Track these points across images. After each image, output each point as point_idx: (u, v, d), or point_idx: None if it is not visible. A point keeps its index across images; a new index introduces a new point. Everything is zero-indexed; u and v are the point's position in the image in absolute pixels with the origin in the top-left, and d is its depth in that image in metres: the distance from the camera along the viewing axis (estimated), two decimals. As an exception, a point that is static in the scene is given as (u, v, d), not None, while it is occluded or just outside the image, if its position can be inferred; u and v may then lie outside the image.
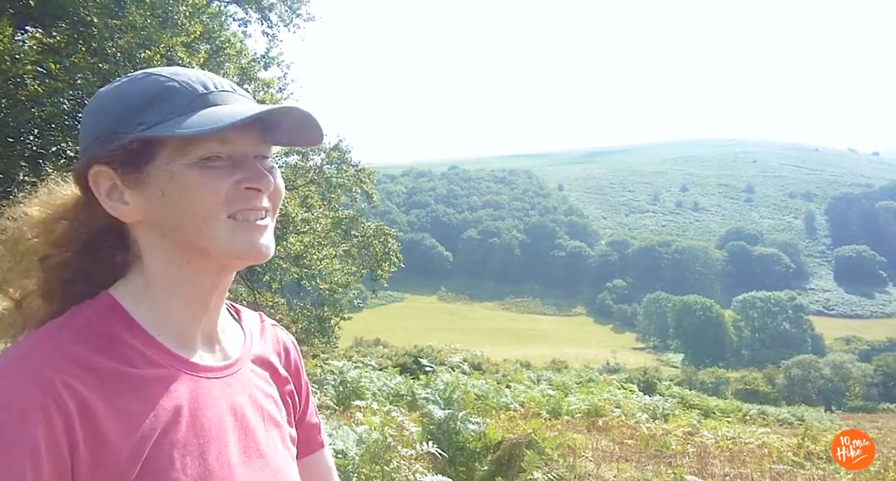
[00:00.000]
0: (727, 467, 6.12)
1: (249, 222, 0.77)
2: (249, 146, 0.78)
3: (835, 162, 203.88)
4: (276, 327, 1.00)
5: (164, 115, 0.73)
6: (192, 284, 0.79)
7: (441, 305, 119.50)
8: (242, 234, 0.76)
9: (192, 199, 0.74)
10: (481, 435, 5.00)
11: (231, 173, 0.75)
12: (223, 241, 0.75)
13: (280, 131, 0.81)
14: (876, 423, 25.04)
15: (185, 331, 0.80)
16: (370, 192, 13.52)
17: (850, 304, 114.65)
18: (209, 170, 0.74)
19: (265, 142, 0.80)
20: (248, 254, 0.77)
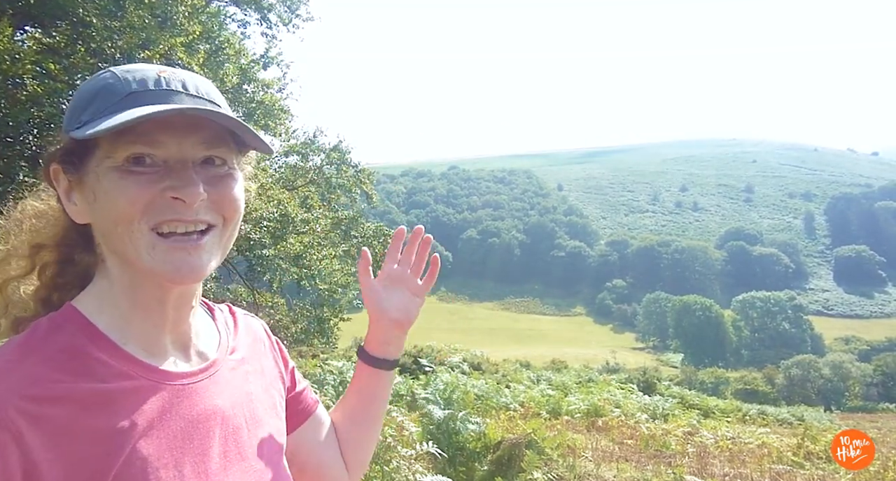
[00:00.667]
0: (727, 467, 6.12)
1: (175, 237, 0.71)
2: (188, 149, 0.72)
3: (834, 162, 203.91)
4: (248, 316, 0.97)
5: (95, 113, 0.69)
6: (144, 294, 0.75)
7: (441, 305, 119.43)
8: (163, 252, 0.70)
9: (112, 206, 0.69)
10: (481, 435, 5.00)
11: (159, 179, 0.70)
12: (143, 257, 0.70)
13: (237, 137, 0.75)
14: (875, 423, 25.05)
15: (152, 339, 0.76)
16: (370, 193, 13.54)
17: (850, 304, 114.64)
18: (131, 174, 0.69)
19: (219, 145, 0.74)
20: (167, 274, 0.71)
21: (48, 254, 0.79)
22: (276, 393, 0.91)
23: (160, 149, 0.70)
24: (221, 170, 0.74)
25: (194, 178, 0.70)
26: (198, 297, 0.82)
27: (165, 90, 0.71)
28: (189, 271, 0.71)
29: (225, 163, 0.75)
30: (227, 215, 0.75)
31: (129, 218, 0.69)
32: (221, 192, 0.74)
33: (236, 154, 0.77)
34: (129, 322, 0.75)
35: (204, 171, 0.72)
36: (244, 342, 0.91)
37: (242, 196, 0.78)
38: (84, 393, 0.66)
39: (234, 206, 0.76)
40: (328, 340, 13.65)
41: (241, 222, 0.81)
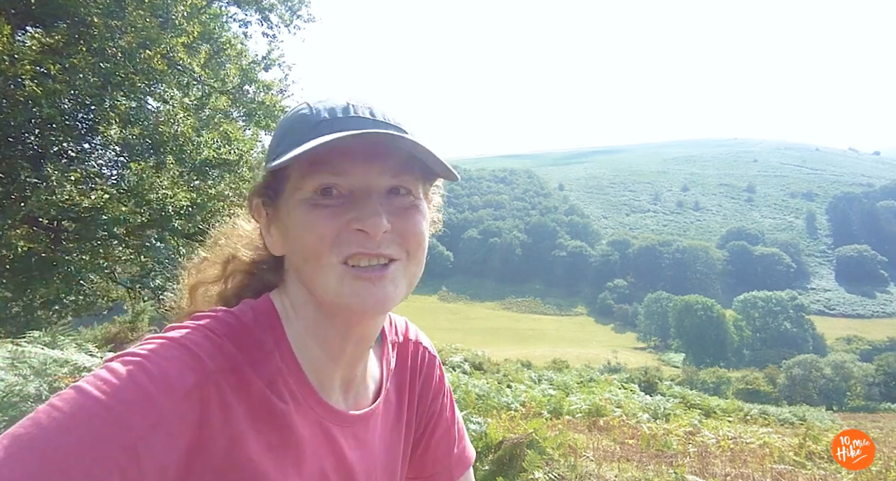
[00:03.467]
0: (728, 467, 6.10)
1: (359, 269, 0.69)
2: (373, 178, 0.70)
3: (836, 161, 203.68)
4: (419, 342, 0.96)
5: (289, 144, 0.68)
6: (325, 328, 0.75)
7: (442, 305, 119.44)
8: (351, 283, 0.68)
9: (302, 241, 0.69)
10: (482, 435, 4.99)
11: (344, 211, 0.69)
12: (331, 290, 0.69)
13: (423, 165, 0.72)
14: (878, 423, 25.02)
15: (324, 371, 0.76)
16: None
17: (852, 304, 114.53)
18: (317, 208, 0.69)
19: (405, 174, 0.72)
20: (355, 306, 0.69)
21: (239, 265, 0.82)
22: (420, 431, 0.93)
23: (345, 178, 0.69)
24: (406, 201, 0.72)
25: (378, 209, 0.68)
26: (375, 335, 0.81)
27: (353, 117, 0.70)
28: (374, 302, 0.69)
29: (410, 193, 0.73)
30: (411, 249, 0.73)
31: (318, 253, 0.68)
32: (405, 225, 0.72)
33: (423, 183, 0.75)
34: (306, 348, 0.75)
35: (388, 202, 0.71)
36: (403, 379, 0.90)
37: (427, 229, 0.76)
38: (263, 399, 0.68)
39: (418, 240, 0.73)
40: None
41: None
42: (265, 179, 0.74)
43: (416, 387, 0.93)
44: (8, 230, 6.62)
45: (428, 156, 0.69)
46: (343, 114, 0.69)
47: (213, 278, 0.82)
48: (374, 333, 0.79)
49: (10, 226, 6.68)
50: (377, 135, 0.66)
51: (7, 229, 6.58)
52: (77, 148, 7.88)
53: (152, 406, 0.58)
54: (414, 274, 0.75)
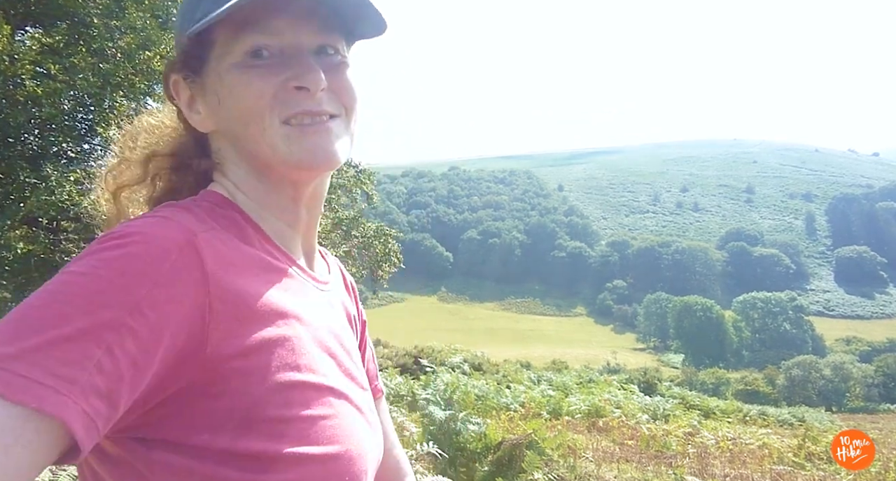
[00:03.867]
0: (727, 468, 6.11)
1: (304, 126, 0.68)
2: (304, 37, 0.68)
3: (835, 162, 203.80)
4: (339, 264, 0.93)
5: (209, 7, 0.65)
6: (278, 194, 0.73)
7: (441, 306, 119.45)
8: (298, 141, 0.67)
9: (239, 104, 0.67)
10: (482, 436, 4.99)
11: (279, 70, 0.67)
12: (281, 151, 0.67)
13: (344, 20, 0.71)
14: (877, 424, 25.00)
15: (287, 238, 0.75)
16: (370, 193, 13.52)
17: (851, 305, 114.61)
18: (252, 69, 0.67)
19: (331, 33, 0.70)
20: (306, 162, 0.68)
21: (162, 162, 0.77)
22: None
23: (276, 38, 0.67)
24: (336, 60, 0.71)
25: (314, 65, 0.67)
26: (323, 199, 0.80)
27: None
28: (325, 155, 0.68)
29: (338, 51, 0.71)
30: (348, 104, 0.72)
31: (260, 113, 0.66)
32: (340, 82, 0.71)
33: (345, 43, 0.74)
34: (265, 220, 0.73)
35: (320, 61, 0.69)
36: (338, 280, 0.88)
37: (356, 84, 0.74)
38: (256, 258, 0.67)
39: (353, 95, 0.73)
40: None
41: None
42: (184, 50, 0.71)
43: (351, 295, 0.91)
44: (7, 231, 6.62)
45: (365, 11, 0.69)
46: None
47: (136, 179, 0.77)
48: (323, 193, 0.78)
49: (10, 226, 6.68)
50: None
51: (6, 230, 6.58)
52: (77, 148, 7.88)
53: (147, 266, 0.56)
54: (353, 132, 0.74)
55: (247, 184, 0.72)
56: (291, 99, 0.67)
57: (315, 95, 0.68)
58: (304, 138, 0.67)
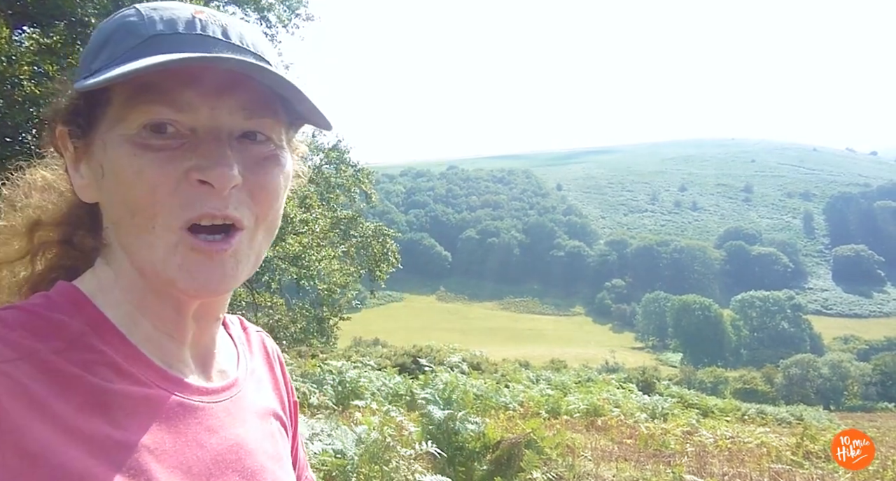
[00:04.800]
0: (726, 466, 6.13)
1: (198, 242, 0.55)
2: (223, 116, 0.55)
3: (833, 161, 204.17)
4: (262, 333, 0.79)
5: (109, 59, 0.54)
6: (156, 300, 0.59)
7: (440, 305, 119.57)
8: (183, 256, 0.55)
9: (126, 190, 0.54)
10: (480, 435, 5.01)
11: (182, 156, 0.54)
12: (157, 260, 0.55)
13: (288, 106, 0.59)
14: (874, 422, 25.09)
15: (168, 349, 0.61)
16: (369, 192, 13.55)
17: (849, 304, 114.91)
18: (147, 151, 0.53)
19: (263, 114, 0.57)
20: (182, 285, 0.55)
21: (48, 234, 0.64)
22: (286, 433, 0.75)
23: (187, 114, 0.54)
24: (264, 150, 0.58)
25: (227, 156, 0.54)
26: (225, 307, 0.67)
27: (199, 35, 0.55)
28: (207, 283, 0.55)
29: (269, 139, 0.58)
30: (261, 212, 0.58)
31: (151, 210, 0.53)
32: (260, 180, 0.57)
33: (286, 129, 0.61)
34: (138, 327, 0.59)
35: (241, 149, 0.56)
36: (260, 363, 0.74)
37: (285, 187, 0.61)
38: (81, 384, 0.52)
39: (271, 200, 0.59)
40: (327, 340, 13.69)
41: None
42: (73, 101, 0.57)
43: (277, 371, 0.77)
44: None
45: (295, 94, 0.55)
46: (186, 29, 0.55)
47: (18, 254, 0.64)
48: (218, 309, 0.65)
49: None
50: (237, 63, 0.52)
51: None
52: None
53: None
54: (262, 245, 0.60)
55: (127, 279, 0.59)
56: (194, 196, 0.54)
57: (221, 193, 0.54)
58: (190, 257, 0.55)
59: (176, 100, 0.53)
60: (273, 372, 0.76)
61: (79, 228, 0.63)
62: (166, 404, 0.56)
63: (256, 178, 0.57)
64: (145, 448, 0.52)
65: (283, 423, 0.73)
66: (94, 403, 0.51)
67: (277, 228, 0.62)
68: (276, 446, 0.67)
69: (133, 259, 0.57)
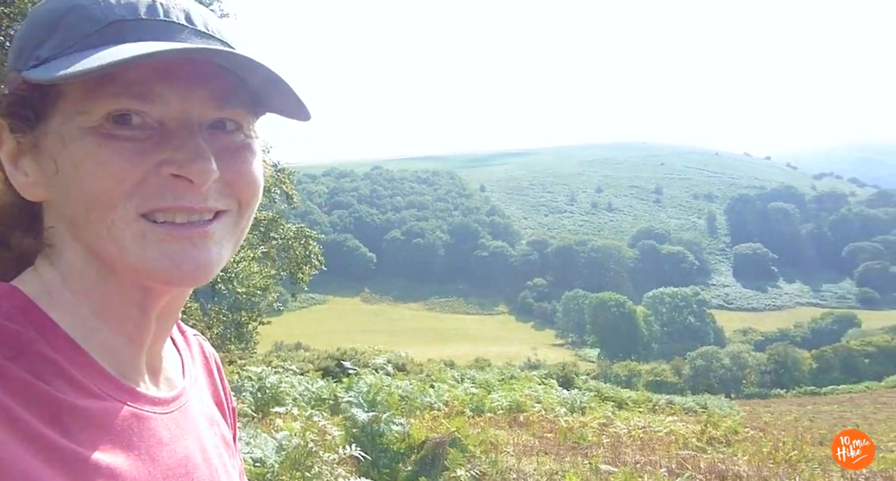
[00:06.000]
0: (638, 455, 6.44)
1: (174, 226, 0.52)
2: (195, 107, 0.53)
3: (732, 165, 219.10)
4: (199, 337, 0.76)
5: (62, 46, 0.50)
6: (121, 300, 0.56)
7: (365, 307, 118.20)
8: (157, 244, 0.52)
9: (86, 184, 0.50)
10: (405, 436, 5.01)
11: (152, 149, 0.51)
12: (131, 254, 0.52)
13: (254, 94, 0.56)
14: (769, 408, 27.22)
15: (124, 356, 0.58)
16: (290, 193, 13.22)
17: (747, 298, 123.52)
18: (112, 141, 0.50)
19: (234, 105, 0.55)
20: (165, 273, 0.52)
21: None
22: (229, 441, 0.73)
23: (155, 105, 0.51)
24: (237, 139, 0.56)
25: (204, 149, 0.52)
26: (182, 306, 0.65)
27: (164, 21, 0.52)
28: (194, 269, 0.53)
29: (240, 128, 0.57)
30: (244, 198, 0.57)
31: (110, 202, 0.50)
32: (238, 169, 0.56)
33: (253, 117, 0.59)
34: (92, 331, 0.55)
35: (214, 140, 0.54)
36: (200, 370, 0.72)
37: (262, 173, 0.59)
38: (34, 394, 0.48)
39: (254, 188, 0.57)
40: (246, 345, 13.22)
41: None
42: (16, 93, 0.52)
43: (216, 377, 0.75)
44: None
45: (275, 84, 0.53)
46: (148, 14, 0.51)
47: None
48: (181, 304, 0.63)
49: None
50: (212, 53, 0.49)
51: None
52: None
53: None
54: (243, 230, 0.59)
55: (81, 281, 0.55)
56: (164, 189, 0.51)
57: (200, 188, 0.52)
58: (169, 243, 0.52)
59: (144, 91, 0.50)
60: (212, 378, 0.74)
61: (15, 229, 0.57)
62: (120, 415, 0.53)
63: (234, 167, 0.55)
64: (101, 462, 0.49)
65: (226, 431, 0.71)
66: (51, 414, 0.48)
67: (255, 212, 0.60)
68: (221, 457, 0.66)
69: (101, 257, 0.53)
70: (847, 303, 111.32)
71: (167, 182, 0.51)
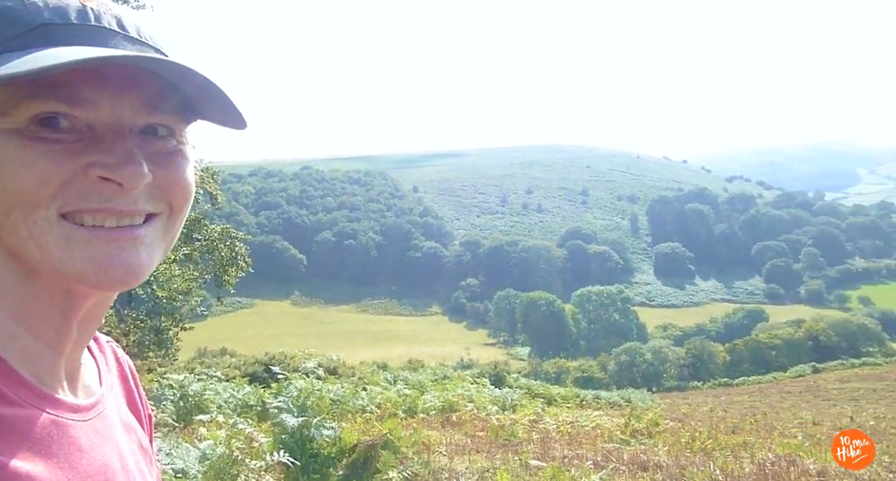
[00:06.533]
0: (566, 449, 6.62)
1: (102, 230, 0.51)
2: (126, 112, 0.52)
3: (653, 168, 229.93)
4: (112, 343, 0.75)
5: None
6: (42, 304, 0.55)
7: (294, 310, 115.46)
8: (83, 246, 0.50)
9: (6, 183, 0.49)
10: (336, 440, 4.93)
11: (80, 151, 0.50)
12: (54, 256, 0.50)
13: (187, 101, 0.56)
14: (687, 400, 28.72)
15: (43, 362, 0.56)
16: (214, 193, 12.71)
17: (667, 295, 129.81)
18: (38, 143, 0.49)
19: (166, 110, 0.55)
20: (91, 277, 0.51)
21: None
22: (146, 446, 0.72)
23: (85, 109, 0.50)
24: (169, 145, 0.56)
25: (134, 153, 0.51)
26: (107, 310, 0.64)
27: (95, 27, 0.51)
28: (123, 273, 0.52)
29: (172, 134, 0.56)
30: (176, 203, 0.56)
31: (33, 203, 0.49)
32: (171, 175, 0.55)
33: (185, 124, 0.58)
34: (11, 337, 0.54)
35: (146, 145, 0.53)
36: (115, 377, 0.71)
37: (194, 179, 0.59)
38: None
39: (186, 193, 0.57)
40: (167, 352, 12.58)
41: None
42: None
43: (131, 384, 0.75)
44: None
45: (211, 92, 0.53)
46: (79, 19, 0.50)
47: None
48: (104, 311, 0.61)
49: None
50: (148, 60, 0.49)
51: None
52: None
53: None
54: (174, 235, 0.59)
55: (0, 285, 0.53)
56: (90, 191, 0.50)
57: (130, 193, 0.52)
58: (95, 245, 0.51)
59: (74, 95, 0.49)
60: (127, 384, 0.73)
61: None
62: (38, 423, 0.52)
63: (166, 172, 0.55)
64: (20, 470, 0.48)
65: (143, 439, 0.70)
66: None
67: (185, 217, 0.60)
68: (139, 464, 0.66)
69: (22, 259, 0.52)
70: (756, 299, 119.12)
71: (94, 184, 0.50)
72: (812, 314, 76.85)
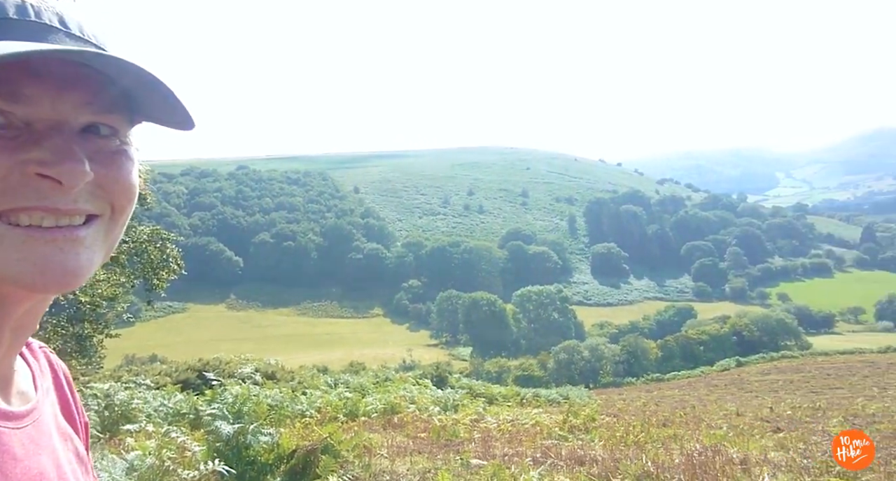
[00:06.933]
0: (507, 447, 6.71)
1: (39, 229, 0.49)
2: (68, 110, 0.51)
3: (590, 170, 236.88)
4: (45, 349, 0.73)
5: None
6: None
7: (230, 314, 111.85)
8: (19, 247, 0.48)
9: None
10: (274, 446, 4.81)
11: (18, 148, 0.48)
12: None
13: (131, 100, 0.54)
14: (622, 395, 29.72)
15: None
16: (143, 193, 12.13)
17: (603, 294, 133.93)
18: None
19: (109, 110, 0.53)
20: (27, 279, 0.49)
21: None
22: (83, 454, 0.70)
23: (23, 106, 0.49)
24: (112, 144, 0.54)
25: (75, 150, 0.50)
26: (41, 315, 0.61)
27: (35, 22, 0.50)
28: (61, 274, 0.50)
29: (116, 134, 0.55)
30: (118, 204, 0.55)
31: None
32: (114, 175, 0.54)
33: (129, 124, 0.57)
34: None
35: (87, 143, 0.52)
36: (50, 383, 0.69)
37: (138, 181, 0.57)
38: None
39: (129, 194, 0.55)
40: (90, 360, 11.91)
41: None
42: None
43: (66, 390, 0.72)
44: None
45: (154, 88, 0.51)
46: (18, 14, 0.49)
47: None
48: (39, 315, 0.59)
49: None
50: (90, 56, 0.47)
51: None
52: None
53: None
54: (116, 238, 0.57)
55: None
56: (27, 188, 0.48)
57: (70, 191, 0.50)
58: (32, 246, 0.49)
59: (12, 92, 0.48)
60: (62, 391, 0.71)
61: None
62: None
63: (109, 172, 0.53)
64: None
65: (79, 446, 0.69)
66: None
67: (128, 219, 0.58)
68: (75, 472, 0.64)
69: None
70: (685, 297, 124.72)
71: (31, 181, 0.48)
72: (736, 310, 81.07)
